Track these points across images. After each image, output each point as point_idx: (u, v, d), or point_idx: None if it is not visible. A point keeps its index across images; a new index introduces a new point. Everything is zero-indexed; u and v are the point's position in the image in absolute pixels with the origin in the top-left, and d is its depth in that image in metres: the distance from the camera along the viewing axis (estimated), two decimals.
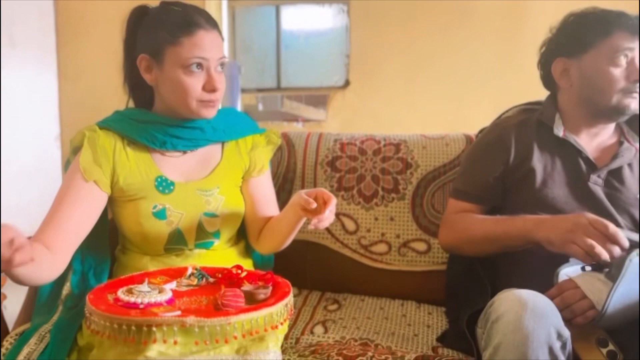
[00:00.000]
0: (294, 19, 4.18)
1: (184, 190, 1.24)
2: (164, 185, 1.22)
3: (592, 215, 1.09)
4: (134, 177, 1.21)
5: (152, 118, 1.25)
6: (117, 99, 1.38)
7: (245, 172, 1.35)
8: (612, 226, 1.06)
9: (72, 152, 1.26)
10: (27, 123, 3.30)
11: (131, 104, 1.33)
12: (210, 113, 1.21)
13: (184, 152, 1.28)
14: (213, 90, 1.18)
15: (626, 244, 1.06)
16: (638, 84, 1.23)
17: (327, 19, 3.99)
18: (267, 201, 1.36)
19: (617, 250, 1.05)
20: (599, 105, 1.28)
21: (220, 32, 1.22)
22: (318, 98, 3.90)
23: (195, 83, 1.16)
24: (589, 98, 1.29)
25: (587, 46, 1.26)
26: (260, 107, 4.22)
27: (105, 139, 1.22)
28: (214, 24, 1.20)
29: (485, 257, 1.33)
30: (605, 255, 1.04)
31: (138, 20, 1.23)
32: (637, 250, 1.07)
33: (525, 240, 1.18)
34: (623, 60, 1.23)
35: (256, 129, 1.40)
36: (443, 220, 1.40)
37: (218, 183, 1.27)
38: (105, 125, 1.25)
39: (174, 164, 1.26)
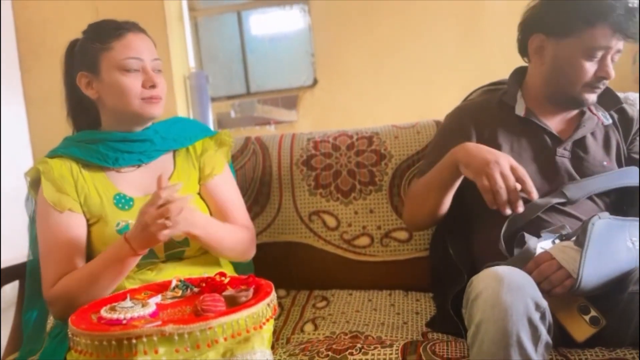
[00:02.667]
0: (256, 23, 4.18)
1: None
2: (123, 202, 1.22)
3: (515, 162, 1.13)
4: (93, 198, 1.22)
5: (100, 136, 1.26)
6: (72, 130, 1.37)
7: (199, 177, 1.34)
8: (528, 178, 1.12)
9: (29, 187, 1.27)
10: (1, 153, 3.25)
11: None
12: (154, 110, 1.23)
13: (138, 166, 1.28)
14: (152, 85, 1.21)
15: (534, 196, 1.13)
16: (603, 81, 1.24)
17: (289, 20, 3.99)
18: (224, 205, 1.33)
19: (520, 205, 1.11)
20: (561, 92, 1.29)
21: (150, 37, 1.27)
22: (288, 99, 3.91)
23: (133, 82, 1.20)
24: (555, 83, 1.29)
25: (568, 32, 1.22)
26: (232, 114, 4.21)
27: (60, 167, 1.23)
28: (141, 29, 1.26)
29: (460, 242, 1.35)
30: (502, 199, 1.09)
31: (71, 50, 1.28)
32: (598, 214, 1.09)
33: (451, 165, 1.22)
34: (598, 55, 1.21)
35: (206, 133, 1.40)
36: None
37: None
38: (56, 153, 1.26)
39: (130, 180, 1.26)
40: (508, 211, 1.12)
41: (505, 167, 1.12)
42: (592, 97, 1.27)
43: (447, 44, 3.38)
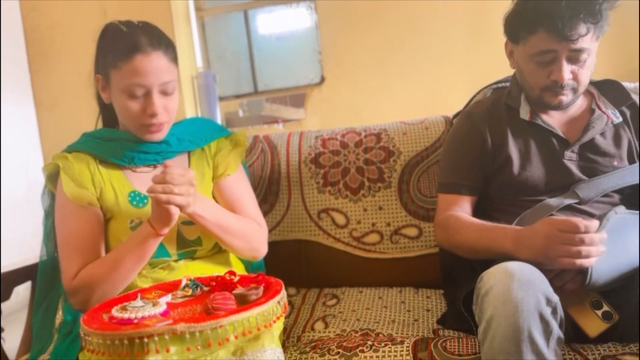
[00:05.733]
0: (263, 22, 4.18)
1: None
2: (137, 199, 1.23)
3: (557, 221, 1.05)
4: (109, 194, 1.23)
5: (117, 135, 1.27)
6: (95, 122, 1.38)
7: (212, 176, 1.35)
8: (581, 223, 1.01)
9: (47, 180, 1.28)
10: (13, 155, 3.28)
11: (100, 124, 1.35)
12: (153, 137, 1.23)
13: (155, 167, 1.29)
14: (152, 115, 1.18)
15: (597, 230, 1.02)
16: (561, 84, 1.22)
17: (295, 18, 3.99)
18: (236, 204, 1.33)
19: (595, 241, 1.01)
20: (527, 95, 1.31)
21: (166, 52, 1.20)
22: (296, 97, 3.91)
23: (136, 107, 1.18)
24: (522, 85, 1.32)
25: (518, 39, 1.26)
26: (241, 113, 4.22)
27: (78, 162, 1.24)
28: (157, 46, 1.18)
29: None
30: (593, 254, 1.00)
31: (102, 39, 1.25)
32: (614, 209, 1.08)
33: (507, 258, 1.12)
34: (547, 59, 1.21)
35: (222, 133, 1.40)
36: (436, 221, 1.37)
37: None
38: (74, 148, 1.27)
39: (146, 179, 1.25)
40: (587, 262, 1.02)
41: (557, 234, 1.03)
42: (557, 100, 1.26)
43: (455, 40, 3.36)
